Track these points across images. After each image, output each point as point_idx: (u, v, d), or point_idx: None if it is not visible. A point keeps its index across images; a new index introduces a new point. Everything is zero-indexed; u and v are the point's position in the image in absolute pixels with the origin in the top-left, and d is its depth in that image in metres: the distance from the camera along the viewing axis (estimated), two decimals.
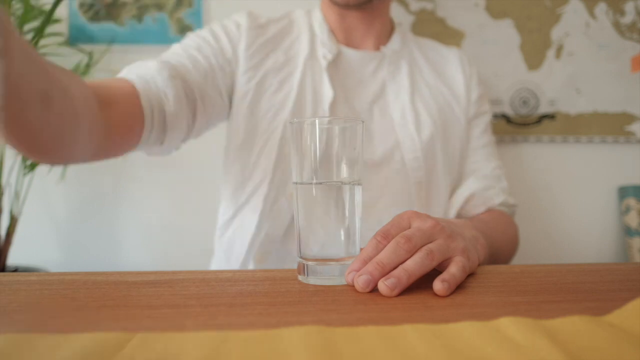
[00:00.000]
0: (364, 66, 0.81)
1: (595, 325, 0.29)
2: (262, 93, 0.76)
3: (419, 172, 0.76)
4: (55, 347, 0.26)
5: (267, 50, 0.78)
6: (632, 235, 1.24)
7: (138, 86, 0.60)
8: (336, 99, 0.76)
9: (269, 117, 0.75)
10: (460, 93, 0.85)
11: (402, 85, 0.81)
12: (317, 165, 0.42)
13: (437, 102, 0.82)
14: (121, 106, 0.57)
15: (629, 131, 1.29)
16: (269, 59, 0.78)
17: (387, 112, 0.79)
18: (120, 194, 1.25)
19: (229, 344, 0.26)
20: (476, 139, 0.85)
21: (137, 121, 0.60)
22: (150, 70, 0.63)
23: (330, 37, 0.80)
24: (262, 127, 0.75)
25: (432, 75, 0.85)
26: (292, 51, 0.79)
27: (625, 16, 1.29)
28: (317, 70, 0.78)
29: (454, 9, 1.27)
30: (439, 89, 0.84)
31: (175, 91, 0.64)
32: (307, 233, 0.43)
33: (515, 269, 0.48)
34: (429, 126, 0.78)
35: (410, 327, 0.29)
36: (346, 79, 0.80)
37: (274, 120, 0.75)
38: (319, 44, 0.80)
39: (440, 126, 0.80)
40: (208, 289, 0.40)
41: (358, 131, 0.43)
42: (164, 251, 1.26)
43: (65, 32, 1.20)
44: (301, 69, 0.77)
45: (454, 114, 0.83)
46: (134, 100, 0.59)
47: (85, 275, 0.44)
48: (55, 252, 1.24)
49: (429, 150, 0.77)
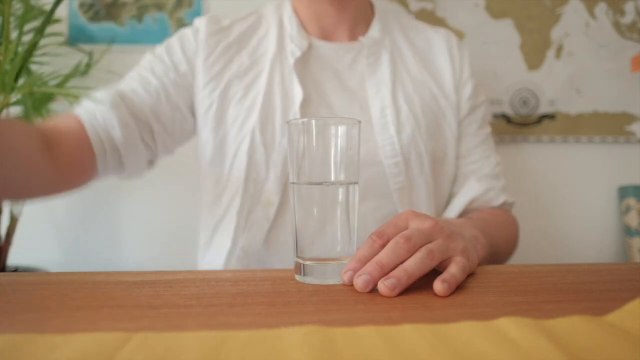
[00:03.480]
0: (338, 59, 0.75)
1: (595, 325, 0.29)
2: (227, 102, 0.72)
3: (398, 178, 0.70)
4: (55, 347, 0.26)
5: (230, 55, 0.74)
6: (632, 235, 1.24)
7: (84, 120, 0.65)
8: (308, 98, 0.71)
9: (237, 126, 0.71)
10: (447, 86, 0.77)
11: (383, 79, 0.74)
12: (313, 165, 0.42)
13: (421, 97, 0.75)
14: (69, 142, 0.61)
15: (629, 131, 1.29)
16: (232, 64, 0.73)
17: (366, 109, 0.73)
18: (120, 194, 1.25)
19: (228, 344, 0.26)
20: (473, 136, 0.79)
21: (88, 153, 0.64)
22: (95, 102, 0.66)
23: (299, 31, 0.74)
24: (231, 138, 0.71)
25: (417, 65, 0.77)
26: (258, 51, 0.75)
27: (625, 16, 1.29)
28: (285, 69, 0.72)
29: (454, 9, 1.27)
30: (424, 81, 0.77)
31: (119, 117, 0.66)
32: (304, 233, 0.43)
33: (515, 269, 0.48)
34: (411, 125, 0.72)
35: (410, 327, 0.29)
36: (319, 74, 0.73)
37: (242, 129, 0.70)
38: (288, 40, 0.74)
39: (424, 125, 0.73)
40: (208, 289, 0.40)
41: (354, 131, 0.43)
42: (164, 251, 1.26)
43: (65, 32, 1.21)
44: (268, 70, 0.72)
45: (440, 109, 0.76)
46: (81, 135, 0.64)
47: (85, 275, 0.44)
48: (55, 252, 1.24)
49: (412, 152, 0.72)
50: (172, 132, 0.73)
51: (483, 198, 0.75)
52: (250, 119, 0.70)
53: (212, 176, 0.74)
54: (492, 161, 0.78)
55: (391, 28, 0.79)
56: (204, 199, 0.76)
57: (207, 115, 0.72)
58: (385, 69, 0.75)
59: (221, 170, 0.72)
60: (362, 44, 0.75)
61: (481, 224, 0.60)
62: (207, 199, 0.75)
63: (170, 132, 0.73)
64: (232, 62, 0.73)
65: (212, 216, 0.74)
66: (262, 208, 0.69)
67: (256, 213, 0.69)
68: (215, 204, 0.73)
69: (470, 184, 0.76)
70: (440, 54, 0.79)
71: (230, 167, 0.71)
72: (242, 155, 0.70)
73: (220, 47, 0.74)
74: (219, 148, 0.72)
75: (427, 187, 0.73)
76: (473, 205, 0.75)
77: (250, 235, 0.69)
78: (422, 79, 0.77)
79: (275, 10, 0.79)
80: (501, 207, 0.77)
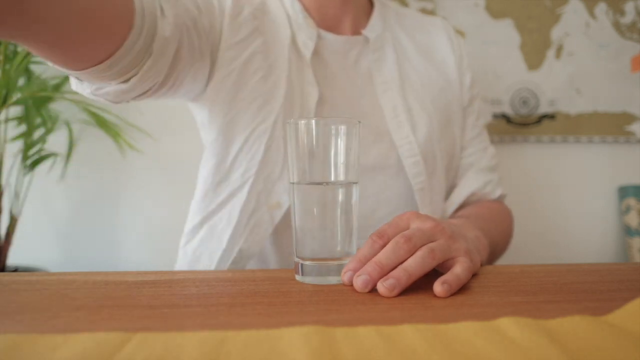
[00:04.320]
0: (345, 54, 0.70)
1: (595, 325, 0.29)
2: (248, 76, 0.63)
3: (420, 178, 0.66)
4: (55, 347, 0.26)
5: (255, 25, 0.65)
6: (632, 235, 1.24)
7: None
8: (322, 97, 0.66)
9: (255, 106, 0.63)
10: (452, 77, 0.75)
11: (390, 76, 0.70)
12: (313, 165, 0.42)
13: (429, 93, 0.72)
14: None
15: (629, 131, 1.29)
16: (257, 36, 0.64)
17: (377, 108, 0.68)
18: (120, 194, 1.25)
19: (228, 344, 0.26)
20: (472, 128, 0.77)
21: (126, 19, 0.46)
22: None
23: (306, 19, 0.68)
24: (246, 118, 0.63)
25: (420, 59, 0.74)
26: (274, 31, 0.66)
27: (625, 16, 1.29)
28: (300, 62, 0.66)
29: (454, 9, 1.27)
30: (429, 75, 0.74)
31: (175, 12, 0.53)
32: (303, 233, 0.43)
33: (515, 269, 0.48)
34: (425, 123, 0.69)
35: (410, 327, 0.29)
36: (329, 70, 0.68)
37: (261, 111, 0.63)
38: (296, 28, 0.67)
39: (436, 121, 0.70)
40: (208, 289, 0.40)
41: (354, 131, 0.43)
42: (164, 251, 1.26)
43: None
44: (287, 57, 0.65)
45: (448, 103, 0.74)
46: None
47: (85, 275, 0.44)
48: (55, 252, 1.24)
49: (429, 151, 0.68)
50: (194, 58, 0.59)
51: (482, 191, 0.75)
52: (272, 107, 0.63)
53: (215, 155, 0.65)
54: (489, 153, 0.78)
55: (390, 21, 0.76)
56: (201, 180, 0.68)
57: (224, 83, 0.63)
58: (391, 65, 0.71)
59: (227, 152, 0.64)
60: (365, 37, 0.71)
61: (481, 224, 0.59)
62: (205, 181, 0.67)
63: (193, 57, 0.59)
64: (256, 32, 0.65)
65: (207, 202, 0.66)
66: (269, 210, 0.63)
67: (261, 214, 0.63)
68: (213, 190, 0.66)
69: (469, 177, 0.75)
70: (441, 45, 0.77)
71: (239, 151, 0.63)
72: (259, 144, 0.62)
73: (246, 11, 0.65)
74: (229, 126, 0.64)
75: (441, 187, 0.71)
76: (471, 199, 0.75)
77: (251, 238, 0.63)
78: (428, 74, 0.74)
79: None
80: (497, 200, 0.77)
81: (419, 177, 0.66)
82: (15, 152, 1.12)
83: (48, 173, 1.20)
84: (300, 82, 0.65)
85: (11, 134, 1.11)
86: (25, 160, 1.11)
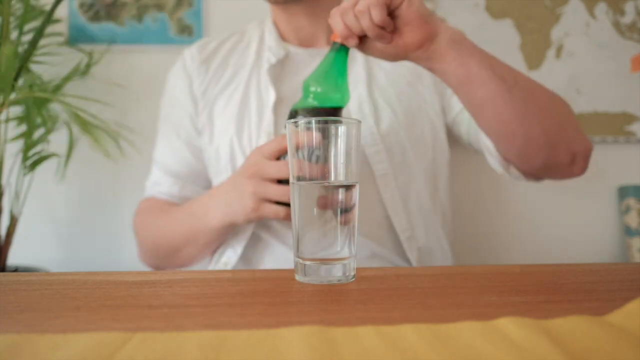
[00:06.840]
0: (312, 60, 0.78)
1: (595, 325, 0.29)
2: (214, 117, 0.80)
3: (381, 165, 0.74)
4: (55, 347, 0.26)
5: (218, 76, 0.81)
6: (632, 235, 1.24)
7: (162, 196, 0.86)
8: (281, 100, 0.75)
9: (221, 136, 0.77)
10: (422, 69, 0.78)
11: (358, 76, 0.78)
12: (313, 165, 0.42)
13: (396, 88, 0.79)
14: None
15: (629, 131, 1.29)
16: (219, 82, 0.81)
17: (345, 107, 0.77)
18: (120, 194, 1.25)
19: (228, 344, 0.26)
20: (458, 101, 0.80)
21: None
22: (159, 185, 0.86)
23: (277, 41, 0.81)
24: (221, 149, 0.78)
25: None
26: (239, 64, 0.82)
27: (625, 16, 1.29)
28: (261, 76, 0.79)
29: (454, 9, 1.27)
30: (397, 71, 0.81)
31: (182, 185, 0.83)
32: (304, 233, 0.43)
33: (515, 269, 0.48)
34: (388, 115, 0.76)
35: (410, 327, 0.29)
36: (294, 77, 0.78)
37: (224, 138, 0.77)
38: (266, 50, 0.80)
39: (401, 113, 0.77)
40: (208, 289, 0.40)
41: (354, 131, 0.43)
42: None
43: (65, 32, 1.20)
44: (246, 79, 0.79)
45: (419, 95, 0.80)
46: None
47: (85, 275, 0.44)
48: (55, 252, 1.24)
49: (393, 141, 0.76)
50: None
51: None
52: (228, 128, 0.77)
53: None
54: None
55: None
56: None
57: (204, 134, 0.81)
58: (359, 66, 0.79)
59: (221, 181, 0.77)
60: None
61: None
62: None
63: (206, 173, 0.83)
64: (219, 81, 0.81)
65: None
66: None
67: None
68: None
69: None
70: None
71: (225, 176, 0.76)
72: (227, 164, 0.77)
73: (210, 71, 0.82)
74: (216, 161, 0.79)
75: (418, 170, 0.77)
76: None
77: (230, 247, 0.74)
78: (397, 71, 0.81)
79: (258, 25, 0.86)
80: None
81: (380, 164, 0.74)
82: (15, 152, 1.12)
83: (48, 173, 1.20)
84: (258, 92, 0.78)
85: (11, 134, 1.10)
86: (25, 161, 1.11)
